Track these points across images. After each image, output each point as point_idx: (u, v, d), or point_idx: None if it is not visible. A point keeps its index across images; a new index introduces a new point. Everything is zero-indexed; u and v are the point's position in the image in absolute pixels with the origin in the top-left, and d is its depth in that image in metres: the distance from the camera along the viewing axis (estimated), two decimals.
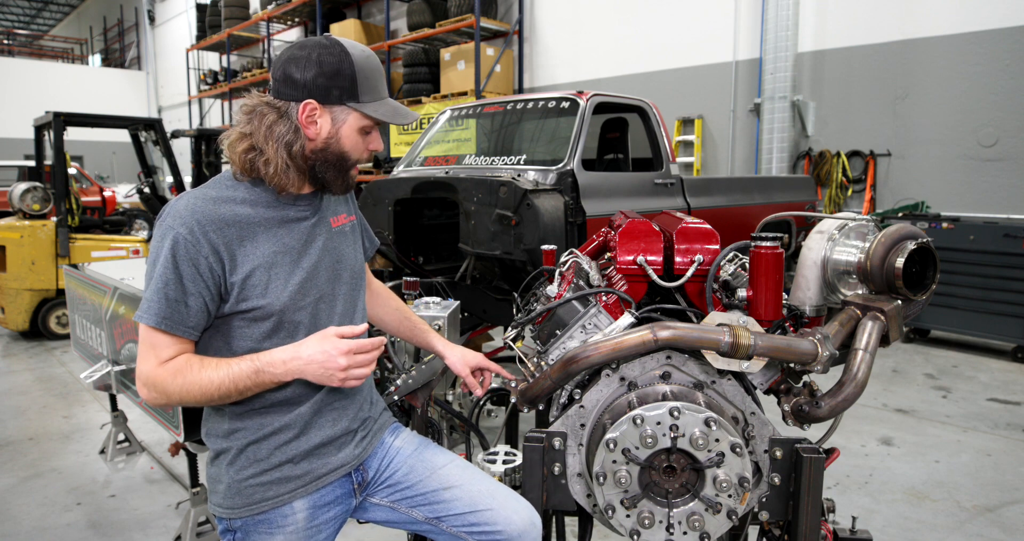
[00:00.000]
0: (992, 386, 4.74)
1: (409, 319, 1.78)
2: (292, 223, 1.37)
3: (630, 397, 1.42)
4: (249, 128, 1.32)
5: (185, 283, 1.23)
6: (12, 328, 6.16)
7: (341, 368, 1.24)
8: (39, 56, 28.44)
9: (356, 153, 1.38)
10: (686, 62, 8.83)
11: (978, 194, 6.66)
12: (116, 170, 20.61)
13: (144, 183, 7.68)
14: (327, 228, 1.44)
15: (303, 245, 1.38)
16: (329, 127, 1.33)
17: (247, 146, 1.32)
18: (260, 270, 1.30)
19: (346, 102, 1.32)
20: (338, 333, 1.26)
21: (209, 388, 1.24)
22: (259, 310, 1.31)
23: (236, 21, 16.29)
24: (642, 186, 4.54)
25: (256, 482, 1.37)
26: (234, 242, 1.28)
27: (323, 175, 1.36)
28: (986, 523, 2.91)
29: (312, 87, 1.29)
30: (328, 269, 1.42)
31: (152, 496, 3.23)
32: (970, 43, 6.57)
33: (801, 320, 1.58)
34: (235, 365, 1.25)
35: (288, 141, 1.31)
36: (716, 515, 1.33)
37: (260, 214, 1.33)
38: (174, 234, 1.24)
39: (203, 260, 1.24)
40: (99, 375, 2.85)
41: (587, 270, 1.89)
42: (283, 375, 1.26)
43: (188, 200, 1.29)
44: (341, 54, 1.30)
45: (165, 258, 1.23)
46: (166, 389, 1.24)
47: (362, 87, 1.32)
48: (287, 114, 1.31)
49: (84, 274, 3.16)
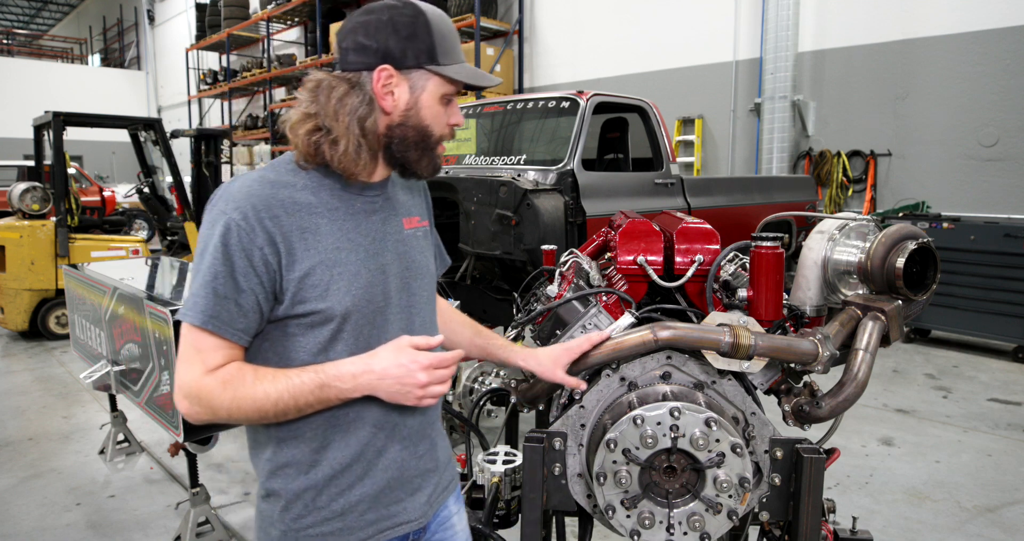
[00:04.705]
0: (993, 386, 4.74)
1: (481, 335, 1.55)
2: (360, 216, 1.19)
3: (630, 397, 1.42)
4: (314, 107, 1.14)
5: (237, 277, 1.06)
6: (11, 328, 6.16)
7: (420, 384, 1.08)
8: (39, 56, 28.44)
9: (439, 127, 1.20)
10: (686, 62, 8.83)
11: (979, 194, 6.65)
12: (115, 170, 20.62)
13: (144, 183, 7.69)
14: (399, 227, 1.26)
15: (371, 242, 1.19)
16: (407, 97, 1.16)
17: (312, 126, 1.14)
18: (321, 268, 1.12)
19: (424, 65, 1.15)
20: (413, 344, 1.10)
21: (264, 404, 1.05)
22: (317, 315, 1.12)
23: (236, 21, 16.30)
24: (642, 186, 4.54)
25: (316, 533, 1.18)
26: (293, 233, 1.10)
27: (403, 155, 1.19)
28: (987, 523, 2.91)
29: (386, 51, 1.13)
30: (398, 274, 1.23)
31: (152, 496, 3.23)
32: (971, 43, 6.56)
33: (801, 320, 1.58)
34: (295, 377, 1.07)
35: (361, 114, 1.13)
36: (716, 515, 1.33)
37: (324, 203, 1.15)
38: (226, 220, 1.07)
39: (257, 251, 1.07)
40: (98, 375, 2.84)
41: (587, 270, 1.89)
42: (351, 391, 1.09)
43: (244, 182, 1.13)
44: (415, 13, 1.15)
45: (215, 247, 1.07)
46: (212, 402, 1.06)
47: (440, 48, 1.16)
48: (359, 85, 1.14)
49: (83, 274, 3.15)
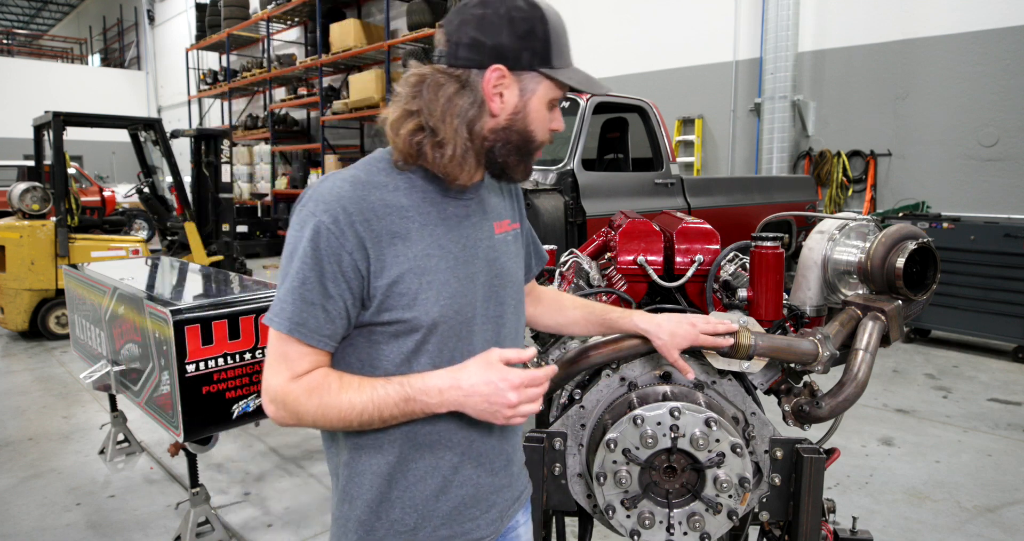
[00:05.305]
0: (993, 386, 4.74)
1: (594, 312, 1.44)
2: (452, 220, 1.13)
3: (630, 397, 1.42)
4: (417, 104, 1.06)
5: (326, 283, 1.02)
6: (11, 328, 6.16)
7: (510, 404, 1.02)
8: (38, 56, 28.44)
9: (541, 132, 1.14)
10: (686, 62, 8.83)
11: (979, 194, 6.65)
12: (115, 170, 20.62)
13: (143, 183, 7.68)
14: (489, 232, 1.19)
15: (461, 249, 1.12)
16: (516, 100, 1.09)
17: (415, 126, 1.06)
18: (410, 276, 1.06)
19: (537, 68, 1.08)
20: (504, 358, 1.04)
21: (349, 414, 1.03)
22: (402, 324, 1.07)
23: (236, 21, 16.29)
24: (642, 186, 4.54)
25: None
26: (384, 238, 1.05)
27: (503, 159, 1.12)
28: (987, 523, 2.91)
29: (501, 50, 1.05)
30: (486, 283, 1.16)
31: (152, 496, 3.23)
32: (970, 43, 6.56)
33: (802, 320, 1.58)
34: (380, 388, 1.03)
35: (471, 117, 1.07)
36: (716, 515, 1.33)
37: (416, 206, 1.09)
38: (316, 223, 1.02)
39: (347, 256, 1.02)
40: (98, 375, 2.84)
41: (587, 270, 1.89)
42: (437, 406, 1.04)
43: (334, 183, 1.06)
44: (532, 9, 1.08)
45: (304, 252, 1.02)
46: (298, 409, 1.04)
47: (555, 49, 1.09)
48: (469, 84, 1.06)
49: (83, 274, 3.15)
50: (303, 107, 15.38)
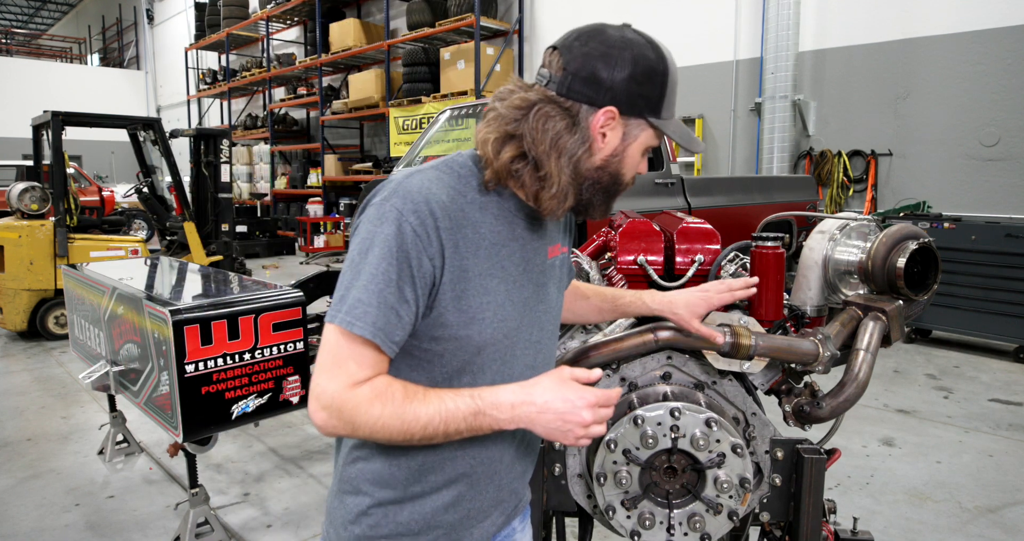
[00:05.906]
0: (994, 386, 4.73)
1: (606, 299, 1.44)
2: (515, 243, 1.09)
3: (630, 397, 1.41)
4: (519, 128, 1.02)
5: (404, 287, 0.96)
6: (10, 328, 6.16)
7: (584, 423, 0.97)
8: (37, 55, 28.45)
9: (630, 176, 1.12)
10: (686, 61, 8.82)
11: (980, 194, 6.65)
12: (115, 170, 20.63)
13: (143, 183, 7.68)
14: (543, 257, 1.16)
15: (520, 273, 1.09)
16: (617, 143, 1.06)
17: (516, 152, 1.03)
18: (471, 294, 1.02)
19: (647, 115, 1.05)
20: (574, 376, 1.00)
21: (413, 425, 0.95)
22: (453, 342, 1.03)
23: (235, 20, 16.30)
24: (642, 186, 4.54)
25: None
26: (460, 250, 1.00)
27: (589, 198, 1.09)
28: (988, 524, 2.90)
29: (618, 91, 1.02)
30: (532, 308, 1.13)
31: (151, 497, 3.22)
32: (971, 42, 6.56)
33: (802, 320, 1.58)
34: (449, 401, 0.97)
35: (578, 157, 1.03)
36: (717, 516, 1.32)
37: (490, 224, 1.05)
38: (401, 221, 0.96)
39: (427, 262, 0.97)
40: (97, 375, 2.84)
41: (587, 270, 1.88)
42: (507, 421, 0.98)
43: (423, 180, 1.01)
44: (658, 60, 1.04)
45: (388, 250, 0.96)
46: (356, 418, 0.95)
47: (667, 101, 1.07)
48: (578, 121, 1.03)
49: (83, 274, 3.15)
50: (303, 107, 15.39)
